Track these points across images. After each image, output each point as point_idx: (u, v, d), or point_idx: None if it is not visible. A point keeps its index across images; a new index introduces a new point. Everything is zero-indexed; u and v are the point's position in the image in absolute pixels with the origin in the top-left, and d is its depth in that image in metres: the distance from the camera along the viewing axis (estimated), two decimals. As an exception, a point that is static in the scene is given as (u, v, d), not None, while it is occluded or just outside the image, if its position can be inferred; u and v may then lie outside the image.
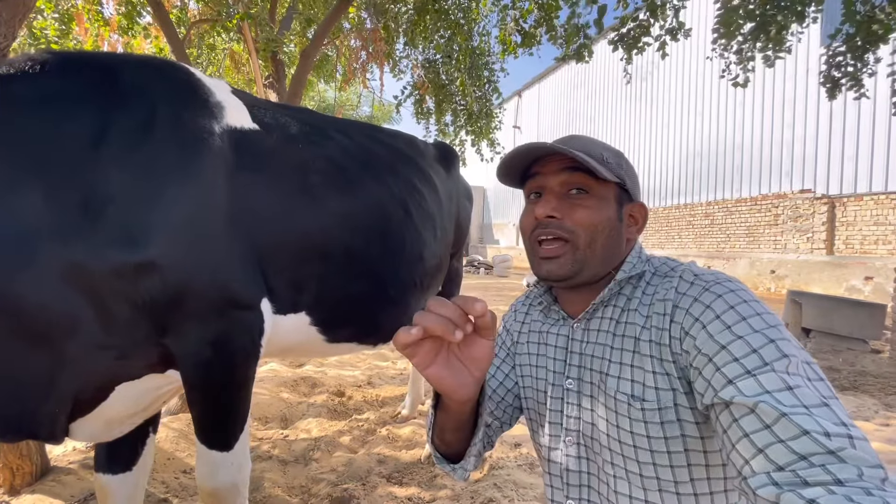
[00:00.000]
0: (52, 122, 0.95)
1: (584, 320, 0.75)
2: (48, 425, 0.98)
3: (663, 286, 0.67)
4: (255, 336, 1.16)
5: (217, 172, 1.11)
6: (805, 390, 0.49)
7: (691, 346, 0.59)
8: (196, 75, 1.23)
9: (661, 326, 0.64)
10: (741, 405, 0.50)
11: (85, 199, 0.93)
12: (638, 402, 0.64)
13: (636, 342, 0.67)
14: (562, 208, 0.70)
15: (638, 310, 0.68)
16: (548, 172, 0.72)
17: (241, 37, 3.78)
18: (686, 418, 0.62)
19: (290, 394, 3.03)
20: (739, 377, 0.52)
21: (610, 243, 0.71)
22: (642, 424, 0.64)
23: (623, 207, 0.73)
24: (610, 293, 0.72)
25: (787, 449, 0.45)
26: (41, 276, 0.89)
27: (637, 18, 3.34)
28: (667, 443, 0.63)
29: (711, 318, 0.58)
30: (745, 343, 0.54)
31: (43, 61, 1.01)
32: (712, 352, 0.56)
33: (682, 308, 0.62)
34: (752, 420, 0.49)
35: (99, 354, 0.98)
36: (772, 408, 0.48)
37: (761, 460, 0.47)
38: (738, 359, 0.53)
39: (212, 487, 1.13)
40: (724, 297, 0.59)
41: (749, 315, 0.56)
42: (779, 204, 10.73)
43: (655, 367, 0.64)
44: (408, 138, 1.88)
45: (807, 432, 0.45)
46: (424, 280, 1.62)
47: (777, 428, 0.47)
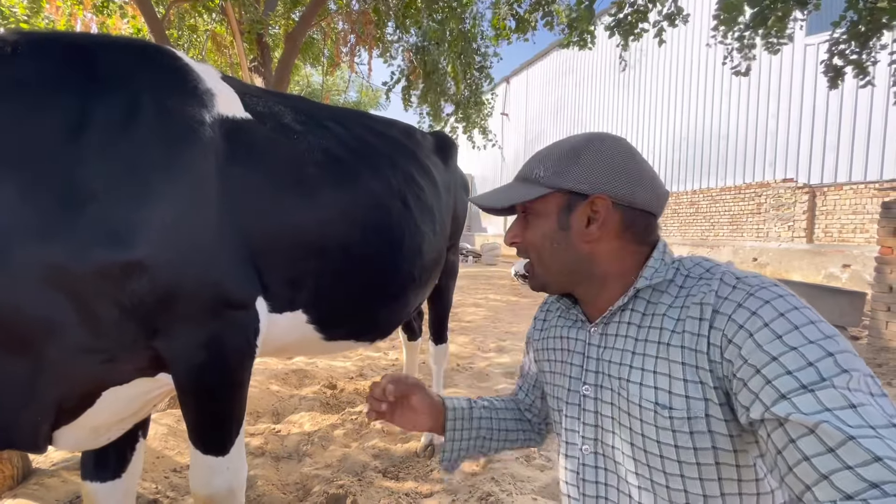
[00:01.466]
0: (25, 111, 0.87)
1: (602, 325, 0.72)
2: (29, 434, 0.92)
3: (699, 289, 0.63)
4: (250, 336, 1.11)
5: (207, 165, 1.05)
6: (871, 409, 0.45)
7: (735, 355, 0.55)
8: (183, 60, 1.15)
9: (696, 332, 0.60)
10: (799, 424, 0.46)
11: (64, 195, 0.86)
12: (665, 410, 0.61)
13: (664, 347, 0.63)
14: (519, 233, 0.75)
15: (667, 314, 0.64)
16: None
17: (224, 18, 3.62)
18: (718, 430, 0.58)
19: (280, 386, 2.98)
20: (794, 392, 0.48)
21: (558, 255, 0.71)
22: (670, 433, 0.60)
23: (573, 212, 0.68)
24: (628, 299, 0.68)
25: (856, 476, 0.42)
26: (18, 278, 0.82)
27: (634, 3, 3.27)
28: (696, 454, 0.59)
29: (759, 326, 0.54)
30: (798, 355, 0.50)
31: (13, 42, 0.93)
32: (761, 363, 0.52)
33: (723, 314, 0.58)
34: (812, 442, 0.45)
35: (84, 359, 0.92)
36: (835, 429, 0.44)
37: (826, 488, 0.43)
38: (791, 372, 0.49)
39: (207, 494, 1.09)
40: (773, 304, 0.55)
41: (802, 324, 0.52)
42: (762, 193, 10.92)
43: (687, 375, 0.60)
44: (405, 128, 1.81)
45: (879, 458, 0.41)
46: (423, 274, 1.58)
47: (843, 452, 0.43)
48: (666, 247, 0.72)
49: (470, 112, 5.35)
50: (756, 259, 10.87)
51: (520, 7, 3.63)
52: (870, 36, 3.10)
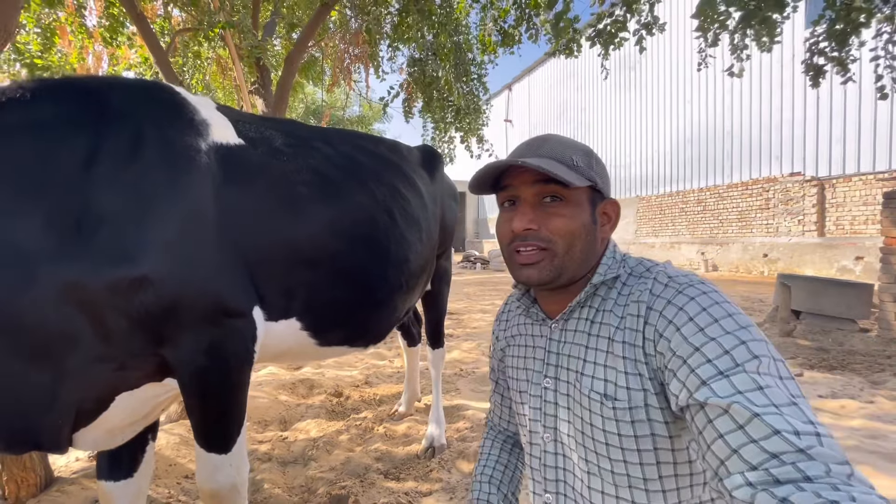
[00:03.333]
0: (44, 148, 0.99)
1: (562, 321, 0.77)
2: (52, 436, 1.02)
3: (638, 287, 0.69)
4: (249, 342, 1.21)
5: (204, 188, 1.16)
6: (775, 390, 0.51)
7: (665, 347, 0.61)
8: (181, 94, 1.27)
9: (634, 328, 0.66)
10: (715, 406, 0.52)
11: (79, 220, 0.97)
12: (610, 402, 0.66)
13: (610, 342, 0.68)
14: (538, 219, 0.70)
15: (613, 311, 0.70)
16: (520, 184, 0.73)
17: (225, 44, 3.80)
18: (655, 418, 0.64)
19: (288, 396, 3.08)
20: (713, 378, 0.53)
21: (587, 247, 0.72)
22: (614, 423, 0.66)
23: (597, 208, 0.74)
24: (586, 295, 0.73)
25: (759, 449, 0.47)
26: (41, 295, 0.93)
27: (613, 14, 3.36)
28: (637, 441, 0.65)
29: (685, 321, 0.60)
30: (717, 345, 0.55)
31: (33, 88, 1.05)
32: (686, 354, 0.57)
33: (655, 310, 0.64)
34: (725, 421, 0.50)
35: (99, 367, 1.02)
36: (744, 408, 0.49)
37: (736, 461, 0.48)
38: (710, 360, 0.55)
39: (212, 489, 1.19)
40: (697, 300, 0.61)
41: (721, 317, 0.58)
42: (770, 188, 10.83)
43: (628, 368, 0.66)
44: (391, 144, 1.92)
45: (778, 431, 0.47)
46: (410, 281, 1.67)
47: (750, 428, 0.48)
48: (615, 245, 0.79)
49: (468, 120, 5.45)
50: (766, 255, 10.75)
51: (504, 22, 3.74)
52: (848, 34, 3.15)
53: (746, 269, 11.13)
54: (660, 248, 13.61)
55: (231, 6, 3.54)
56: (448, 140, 6.00)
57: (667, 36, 12.20)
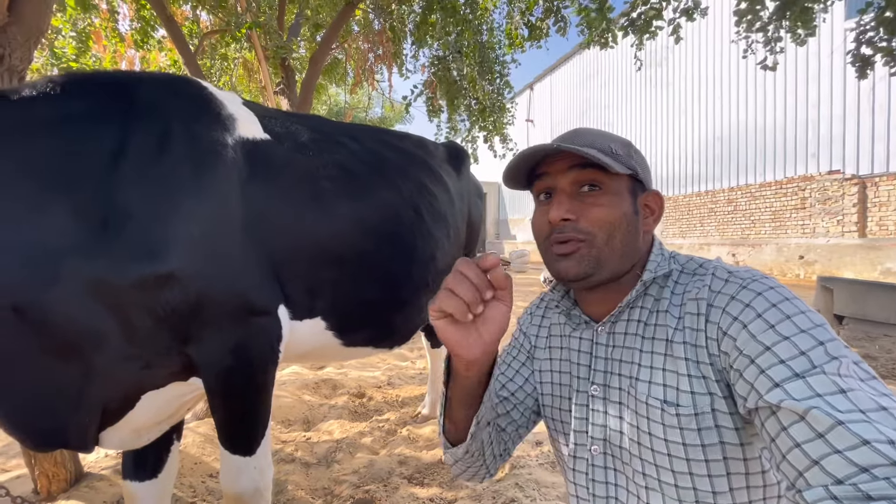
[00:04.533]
0: (73, 143, 0.98)
1: (610, 323, 0.71)
2: (79, 435, 1.01)
3: (694, 284, 0.64)
4: (274, 342, 1.18)
5: (231, 184, 1.13)
6: (860, 394, 0.45)
7: (731, 346, 0.56)
8: (208, 89, 1.25)
9: (695, 327, 0.61)
10: (790, 411, 0.47)
11: (107, 216, 0.96)
12: (672, 408, 0.60)
13: (668, 344, 0.63)
14: (575, 209, 0.66)
15: (669, 311, 0.65)
16: (556, 172, 0.68)
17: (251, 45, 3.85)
18: (724, 424, 0.58)
19: (312, 396, 3.07)
20: (787, 380, 0.48)
21: (629, 239, 0.67)
22: (678, 431, 0.60)
23: (637, 199, 0.69)
24: (637, 294, 0.68)
25: (845, 460, 0.42)
26: (69, 291, 0.92)
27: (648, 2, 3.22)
28: (704, 451, 0.59)
29: (752, 317, 0.54)
30: (791, 344, 0.50)
31: (62, 83, 1.05)
32: (755, 353, 0.52)
33: (717, 307, 0.59)
34: (803, 428, 0.45)
35: (125, 365, 1.01)
36: (825, 414, 0.44)
37: (817, 473, 0.43)
38: (784, 361, 0.50)
39: (236, 491, 1.16)
40: (765, 295, 0.55)
41: (793, 313, 0.53)
42: (805, 187, 10.37)
43: (691, 370, 0.60)
44: (417, 140, 1.87)
45: (867, 442, 0.41)
46: (437, 280, 1.61)
47: (832, 437, 0.43)
48: (661, 242, 0.73)
49: (492, 119, 5.38)
50: (803, 257, 10.29)
51: (531, 15, 3.65)
52: (899, 22, 2.95)
53: (781, 271, 10.68)
54: (688, 249, 13.21)
55: (257, 7, 3.58)
56: (471, 140, 5.94)
57: (695, 30, 11.84)
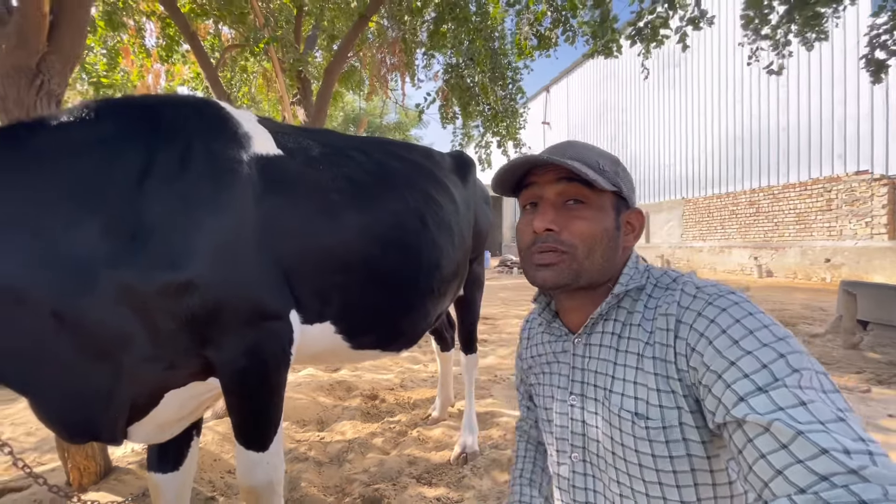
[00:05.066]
0: (105, 162, 1.08)
1: (585, 335, 0.74)
2: (109, 429, 1.10)
3: (665, 300, 0.66)
4: (286, 344, 1.26)
5: (246, 197, 1.22)
6: (819, 405, 0.47)
7: (699, 362, 0.58)
8: (226, 110, 1.34)
9: (665, 342, 0.63)
10: (755, 424, 0.49)
11: (135, 229, 1.05)
12: (642, 420, 0.63)
13: (640, 358, 0.66)
14: (559, 220, 0.69)
15: (641, 325, 0.67)
16: (543, 182, 0.71)
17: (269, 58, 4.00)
18: (692, 437, 0.61)
19: (326, 398, 3.16)
20: (751, 394, 0.51)
21: (608, 254, 0.70)
22: (647, 443, 0.63)
23: (620, 215, 0.72)
24: (608, 307, 0.71)
25: (806, 470, 0.44)
26: (101, 298, 1.01)
27: (654, 11, 3.23)
28: (672, 462, 0.62)
29: (717, 334, 0.57)
30: (754, 358, 0.52)
31: (97, 108, 1.15)
32: (721, 368, 0.54)
33: (685, 323, 0.61)
34: (767, 440, 0.47)
35: (150, 365, 1.10)
36: (786, 426, 0.46)
37: (781, 483, 0.45)
38: (748, 375, 0.52)
39: (250, 485, 1.24)
40: (729, 311, 0.58)
41: (756, 328, 0.55)
42: (832, 188, 10.07)
43: (660, 385, 0.63)
44: (424, 151, 1.94)
45: (826, 451, 0.43)
46: (443, 286, 1.68)
47: (794, 447, 0.45)
48: (638, 256, 0.76)
49: (504, 124, 5.42)
50: (829, 260, 9.98)
51: (540, 25, 3.69)
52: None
53: (806, 274, 10.39)
54: (708, 252, 12.94)
55: (275, 22, 3.73)
56: (484, 145, 6.00)
57: (713, 31, 11.64)
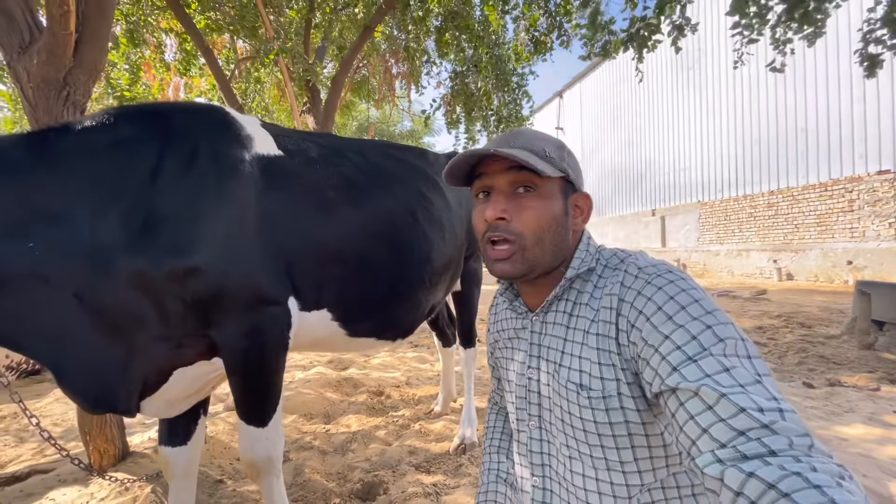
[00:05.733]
0: (122, 161, 1.21)
1: (542, 313, 0.80)
2: (125, 401, 1.22)
3: (611, 280, 0.71)
4: (284, 328, 1.36)
5: (248, 193, 1.34)
6: (741, 370, 0.53)
7: (638, 337, 0.63)
8: (230, 114, 1.47)
9: (607, 320, 0.69)
10: (686, 390, 0.54)
11: (147, 220, 1.17)
12: (585, 391, 0.70)
13: (585, 335, 0.72)
14: (510, 209, 0.72)
15: (588, 304, 0.73)
16: (493, 172, 0.74)
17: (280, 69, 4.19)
18: (628, 406, 0.67)
19: (333, 393, 3.27)
20: (682, 364, 0.56)
21: (558, 239, 0.74)
22: (589, 411, 0.69)
23: (568, 199, 0.76)
24: (562, 289, 0.77)
25: (727, 427, 0.49)
26: (117, 282, 1.13)
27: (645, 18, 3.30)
28: (612, 427, 0.68)
29: (654, 310, 0.62)
30: (685, 331, 0.58)
31: (115, 114, 1.29)
32: (657, 342, 0.60)
33: (627, 301, 0.67)
34: (696, 403, 0.53)
35: (160, 344, 1.21)
36: (712, 390, 0.52)
37: (706, 440, 0.51)
38: (679, 347, 0.57)
39: (251, 458, 1.34)
40: (664, 289, 0.63)
41: (687, 304, 0.61)
42: (853, 188, 9.82)
43: (602, 359, 0.69)
44: (418, 151, 2.04)
45: (743, 409, 0.49)
46: (433, 278, 1.76)
47: (718, 408, 0.51)
48: (590, 237, 0.81)
49: (511, 128, 5.51)
50: (851, 262, 9.71)
51: (536, 31, 3.78)
52: (905, 20, 2.86)
53: (827, 277, 10.12)
54: (725, 255, 12.71)
55: (285, 34, 3.91)
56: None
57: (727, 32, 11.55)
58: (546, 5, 3.43)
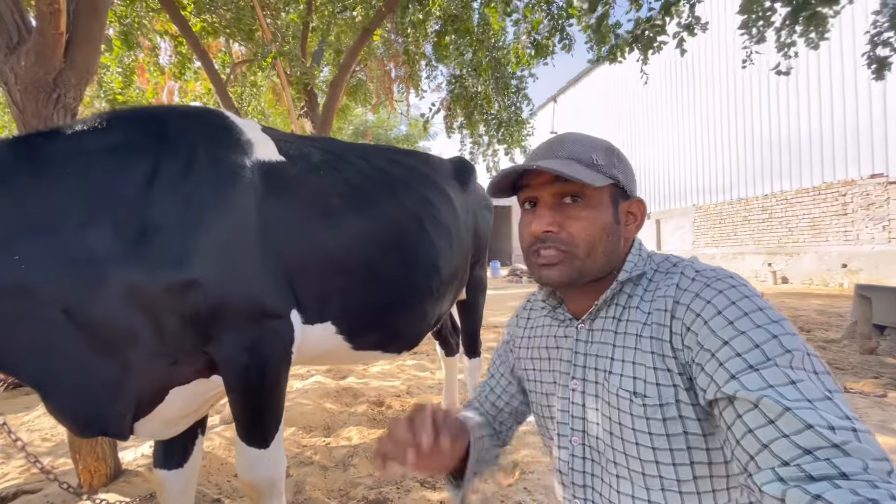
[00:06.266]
0: (115, 168, 1.14)
1: (588, 321, 0.75)
2: (117, 423, 1.14)
3: (665, 283, 0.68)
4: (287, 343, 1.29)
5: (248, 201, 1.27)
6: (808, 384, 0.49)
7: (693, 341, 0.59)
8: (230, 118, 1.40)
9: (661, 322, 0.64)
10: (744, 400, 0.50)
11: (142, 230, 1.10)
12: (639, 399, 0.64)
13: (637, 339, 0.67)
14: (557, 221, 0.69)
15: (639, 307, 0.69)
16: (538, 185, 0.71)
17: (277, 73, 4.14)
18: (688, 415, 0.62)
19: (333, 404, 3.18)
20: (742, 372, 0.52)
21: (610, 248, 0.70)
22: (644, 421, 0.64)
23: (619, 206, 0.71)
24: (612, 293, 0.72)
25: (791, 444, 0.45)
26: (110, 296, 1.05)
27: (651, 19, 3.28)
28: (669, 440, 0.62)
29: (713, 314, 0.58)
30: (747, 338, 0.54)
31: (108, 118, 1.22)
32: (715, 347, 0.56)
33: (682, 304, 0.62)
34: (756, 415, 0.49)
35: (155, 362, 1.14)
36: (775, 402, 0.47)
37: (766, 456, 0.47)
38: (740, 354, 0.53)
39: (251, 481, 1.27)
40: (726, 293, 0.59)
41: (751, 310, 0.56)
42: (846, 192, 9.90)
43: (657, 364, 0.64)
44: (423, 156, 1.98)
45: (811, 426, 0.45)
46: (441, 288, 1.70)
47: (781, 423, 0.47)
48: (641, 243, 0.77)
49: (511, 132, 5.47)
50: (846, 265, 9.77)
51: (537, 34, 3.76)
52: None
53: (822, 280, 10.17)
54: (721, 259, 12.76)
55: (282, 37, 3.85)
56: (492, 153, 6.05)
57: (721, 34, 11.64)
58: (549, 8, 3.41)
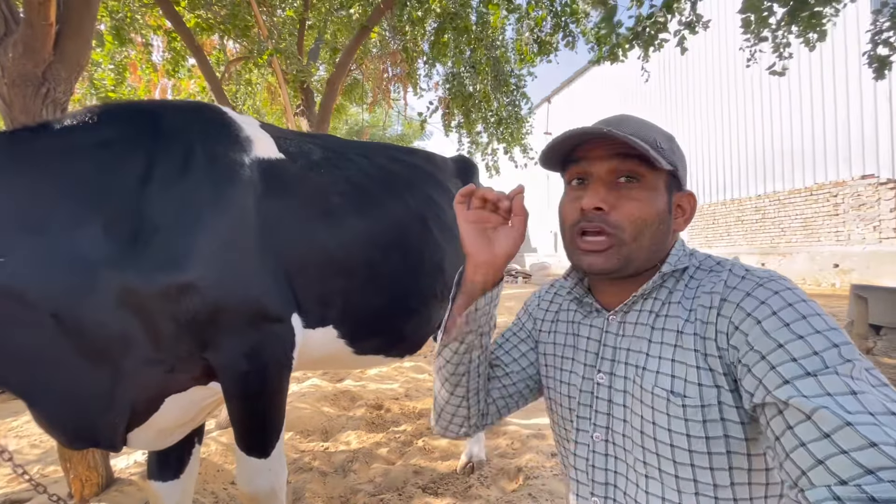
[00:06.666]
0: (107, 165, 1.08)
1: (621, 313, 0.71)
2: (109, 434, 1.09)
3: (709, 279, 0.64)
4: (287, 348, 1.24)
5: (247, 200, 1.22)
6: (870, 397, 0.45)
7: (741, 341, 0.56)
8: (228, 114, 1.35)
9: (706, 319, 0.61)
10: (797, 410, 0.47)
11: (136, 230, 1.05)
12: (679, 399, 0.60)
13: (678, 335, 0.63)
14: (610, 199, 0.65)
15: (681, 303, 0.65)
16: (594, 158, 0.66)
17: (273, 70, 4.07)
18: (730, 418, 0.58)
19: (330, 408, 3.13)
20: (798, 377, 0.48)
21: (658, 237, 0.66)
22: (682, 422, 0.60)
23: (672, 196, 0.68)
24: (653, 286, 0.68)
25: (851, 461, 0.42)
26: (102, 299, 1.00)
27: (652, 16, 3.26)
28: (708, 443, 0.59)
29: (767, 314, 0.54)
30: (805, 343, 0.50)
31: (99, 112, 1.16)
32: (767, 349, 0.52)
33: (731, 302, 0.59)
34: (809, 427, 0.45)
35: (150, 369, 1.08)
36: (833, 414, 0.44)
37: (821, 473, 0.43)
38: (796, 359, 0.50)
39: (251, 492, 1.21)
40: (781, 294, 0.56)
41: (809, 314, 0.53)
42: (838, 192, 10.00)
43: (699, 362, 0.60)
44: (425, 155, 1.94)
45: (874, 444, 0.41)
46: (445, 291, 1.65)
47: (839, 437, 0.43)
48: (683, 240, 0.73)
49: (511, 129, 5.44)
50: (838, 265, 9.87)
51: (541, 31, 3.73)
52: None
53: (815, 280, 10.26)
54: (714, 259, 12.86)
55: (278, 35, 3.79)
56: (491, 152, 6.01)
57: (715, 35, 11.71)
58: (552, 5, 3.38)
